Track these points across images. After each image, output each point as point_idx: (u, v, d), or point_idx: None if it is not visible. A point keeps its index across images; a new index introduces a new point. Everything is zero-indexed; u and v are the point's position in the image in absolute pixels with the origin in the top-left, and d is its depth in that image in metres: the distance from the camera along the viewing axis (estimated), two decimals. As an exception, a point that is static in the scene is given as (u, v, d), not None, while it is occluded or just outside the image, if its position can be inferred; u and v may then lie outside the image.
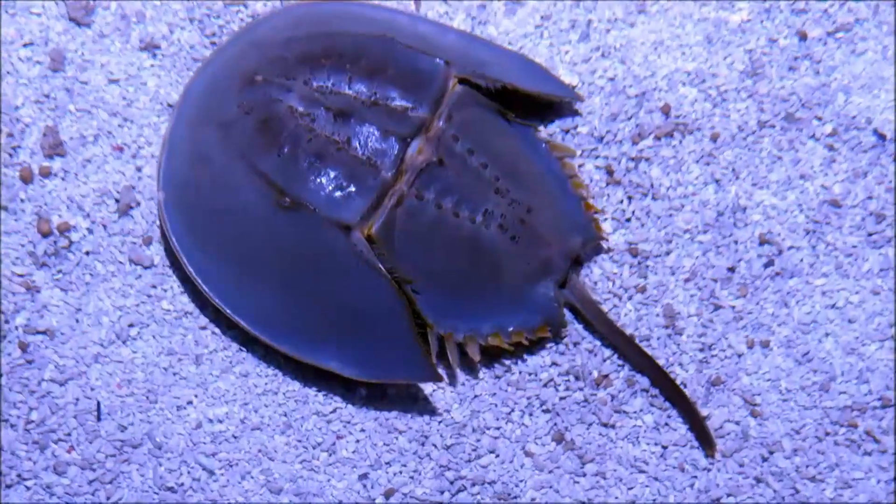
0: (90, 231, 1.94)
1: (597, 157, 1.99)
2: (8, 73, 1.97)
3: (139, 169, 1.96)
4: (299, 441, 1.92)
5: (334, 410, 1.93)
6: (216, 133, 1.82)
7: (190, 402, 1.92)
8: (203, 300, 1.90)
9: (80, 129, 1.97)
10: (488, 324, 1.88)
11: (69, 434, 1.90)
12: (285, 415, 1.93)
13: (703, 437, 1.92)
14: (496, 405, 1.94)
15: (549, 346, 1.95)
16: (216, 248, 1.84)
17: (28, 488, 1.89)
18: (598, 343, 1.95)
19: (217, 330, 1.93)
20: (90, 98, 1.98)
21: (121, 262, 1.94)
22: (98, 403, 1.91)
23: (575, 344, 1.95)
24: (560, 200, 1.90)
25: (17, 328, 1.91)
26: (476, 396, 1.94)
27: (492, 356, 1.93)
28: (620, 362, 1.95)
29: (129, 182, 1.96)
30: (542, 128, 1.97)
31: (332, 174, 1.78)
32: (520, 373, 1.95)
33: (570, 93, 1.96)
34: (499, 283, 1.86)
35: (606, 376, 1.95)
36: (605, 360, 1.95)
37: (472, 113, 1.85)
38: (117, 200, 1.95)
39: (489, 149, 1.84)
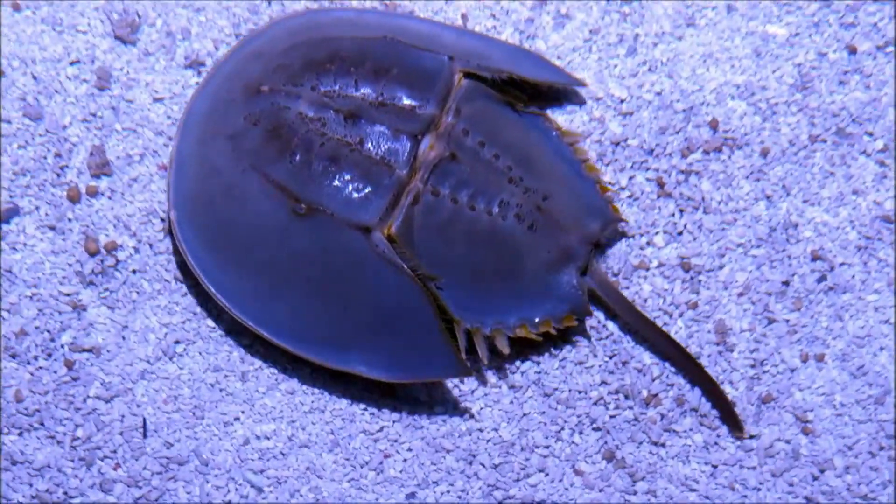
0: (136, 250, 1.96)
1: (647, 170, 2.00)
2: (56, 91, 2.00)
3: (186, 186, 1.98)
4: (347, 459, 1.93)
5: (381, 429, 1.93)
6: (225, 146, 1.84)
7: (237, 419, 1.93)
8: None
9: (126, 148, 1.99)
10: (514, 315, 1.88)
11: (115, 451, 1.91)
12: (332, 433, 1.93)
13: (730, 419, 1.92)
14: (545, 423, 1.94)
15: (598, 364, 1.95)
16: (234, 262, 1.85)
17: (74, 506, 1.90)
18: (647, 363, 1.95)
19: (263, 347, 1.94)
20: (136, 117, 2.00)
21: (167, 280, 1.95)
22: (144, 420, 1.92)
23: (624, 363, 1.95)
24: (575, 185, 1.90)
25: (63, 346, 1.93)
26: (525, 415, 1.94)
27: (524, 355, 1.93)
28: (670, 382, 1.95)
29: (175, 199, 1.97)
30: (550, 113, 1.96)
31: (348, 176, 1.80)
32: (569, 391, 1.95)
33: (573, 80, 1.97)
34: (521, 274, 1.87)
35: (656, 395, 1.95)
36: (654, 380, 1.95)
37: (480, 105, 1.86)
38: (163, 219, 1.97)
39: (500, 140, 1.85)
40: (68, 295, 1.94)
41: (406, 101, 1.83)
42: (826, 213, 1.99)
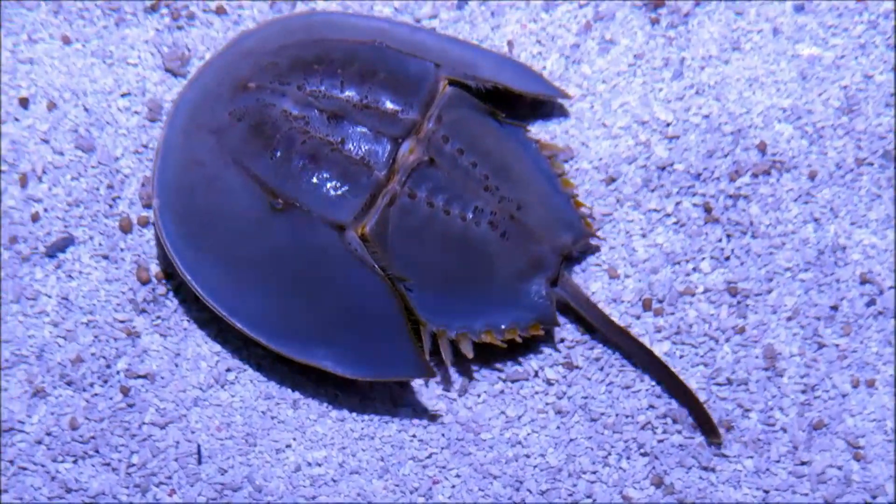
0: (188, 277, 2.02)
1: (694, 195, 2.03)
2: (107, 123, 2.06)
3: (236, 215, 2.03)
4: (396, 486, 1.97)
5: (430, 455, 1.98)
6: (209, 139, 1.89)
7: (288, 446, 1.98)
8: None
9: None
10: (481, 321, 1.93)
11: (170, 477, 1.97)
12: (382, 459, 1.98)
13: (708, 427, 1.95)
14: (592, 449, 1.98)
15: (644, 389, 1.98)
16: (211, 252, 1.91)
17: (129, 532, 1.96)
18: (693, 386, 1.98)
19: (314, 374, 1.99)
20: (187, 146, 2.06)
21: (218, 308, 2.01)
22: (199, 447, 1.98)
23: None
24: (550, 198, 1.95)
25: (118, 373, 1.99)
26: (572, 440, 1.98)
27: (571, 380, 1.97)
28: (717, 406, 1.97)
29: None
30: (531, 127, 2.00)
31: (326, 175, 1.85)
32: (616, 416, 1.98)
33: (557, 92, 2.01)
34: (491, 281, 1.91)
35: (705, 418, 1.97)
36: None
37: (462, 113, 1.91)
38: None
39: (479, 148, 1.90)
40: (123, 322, 2.00)
41: (389, 105, 1.88)
42: (874, 235, 2.01)
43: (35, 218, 2.02)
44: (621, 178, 2.03)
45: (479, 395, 2.00)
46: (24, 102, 2.05)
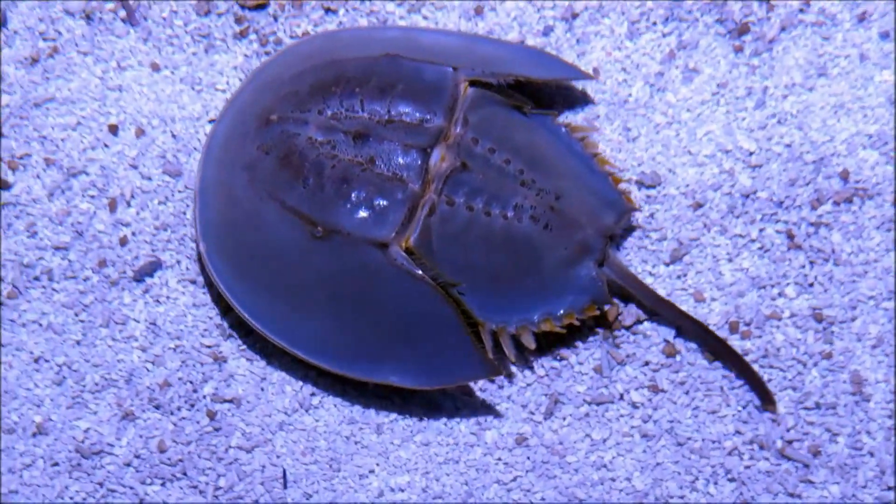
0: (274, 301, 2.05)
1: (776, 222, 2.06)
2: (194, 149, 2.10)
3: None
4: (481, 509, 2.00)
5: (514, 479, 2.00)
6: (242, 176, 1.93)
7: (372, 471, 2.01)
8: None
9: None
10: (538, 312, 1.96)
11: (257, 501, 2.00)
12: (466, 483, 2.00)
13: (763, 395, 1.99)
14: (679, 473, 2.00)
15: (731, 414, 2.00)
16: (262, 287, 1.94)
17: (216, 555, 1.99)
18: (781, 411, 2.00)
19: (398, 399, 2.02)
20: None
21: (304, 332, 2.04)
22: (284, 471, 2.00)
23: (758, 409, 2.00)
24: (588, 180, 1.98)
25: (205, 397, 2.02)
26: (658, 464, 2.00)
27: (657, 403, 1.99)
28: (805, 431, 2.00)
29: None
30: (558, 113, 2.04)
31: (361, 195, 1.88)
32: (703, 440, 2.00)
33: (581, 75, 2.04)
34: (541, 272, 1.94)
35: (790, 442, 1.99)
36: (789, 429, 2.00)
37: (487, 112, 1.94)
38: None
39: (509, 144, 1.93)
40: (209, 347, 2.04)
41: (413, 116, 1.91)
42: (960, 262, 2.04)
43: (123, 242, 2.06)
44: (707, 203, 2.07)
45: (563, 419, 2.02)
46: (113, 129, 2.10)
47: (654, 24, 2.12)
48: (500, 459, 2.01)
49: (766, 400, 1.99)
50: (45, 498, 1.97)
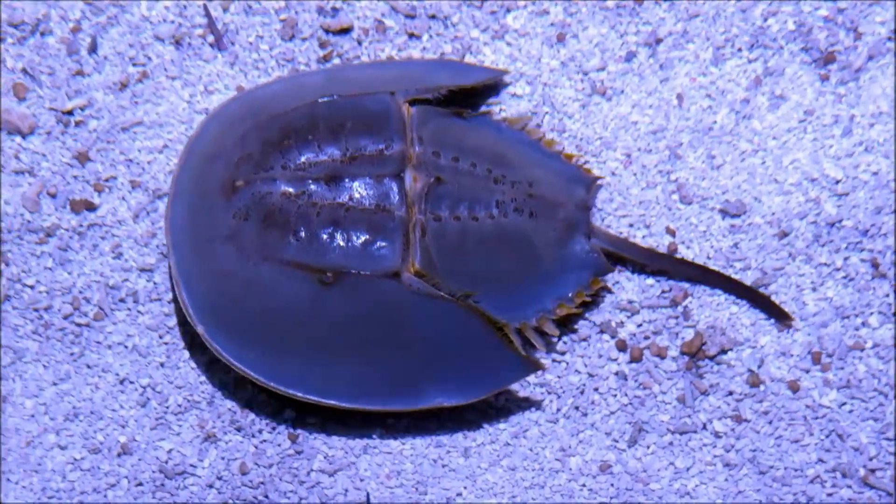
0: (358, 325, 2.10)
1: (862, 251, 2.09)
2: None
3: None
4: (565, 535, 2.04)
5: (599, 505, 2.04)
6: (226, 249, 1.95)
7: (459, 494, 2.05)
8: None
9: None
10: (550, 298, 2.02)
11: (339, 525, 2.04)
12: (551, 509, 2.04)
13: (777, 313, 2.05)
14: (761, 501, 2.03)
15: (814, 443, 2.03)
16: (281, 350, 1.96)
17: (300, 578, 2.03)
18: (864, 441, 2.03)
19: (486, 423, 2.06)
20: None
21: (388, 356, 2.08)
22: (368, 495, 2.04)
23: (840, 437, 2.03)
24: (547, 163, 2.05)
25: (287, 420, 2.07)
26: (740, 492, 2.04)
27: (740, 433, 2.03)
28: (887, 461, 2.03)
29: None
30: (494, 109, 2.11)
31: (356, 233, 1.93)
32: (785, 469, 2.04)
33: (497, 73, 2.11)
34: (540, 260, 2.01)
35: (873, 471, 2.03)
36: (871, 458, 2.03)
37: (435, 126, 2.00)
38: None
39: (468, 149, 2.00)
40: (292, 370, 2.08)
41: (373, 148, 1.96)
42: None
43: (209, 264, 2.10)
44: (793, 232, 2.10)
45: (647, 447, 2.06)
46: (200, 151, 2.15)
47: (740, 50, 2.16)
48: (584, 486, 2.05)
49: (782, 316, 2.06)
50: (131, 519, 2.02)
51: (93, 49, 2.16)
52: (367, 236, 1.93)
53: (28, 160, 2.13)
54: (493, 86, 2.15)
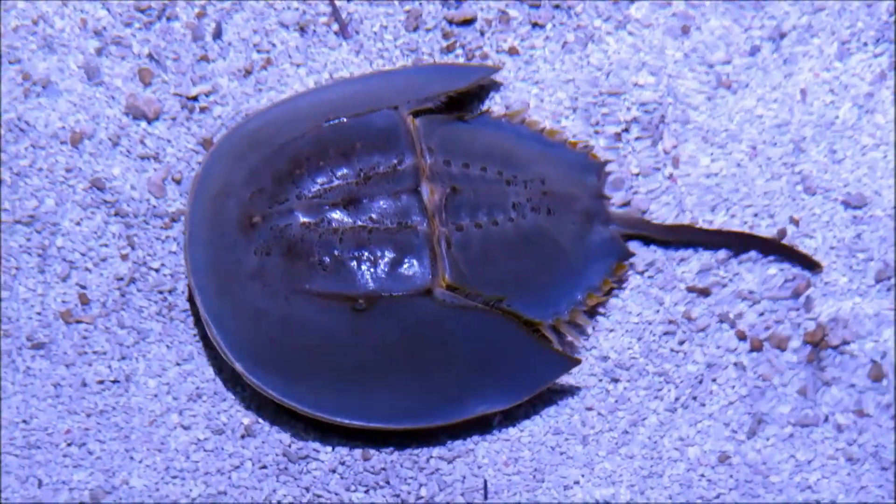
0: (478, 312, 2.14)
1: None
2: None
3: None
4: (684, 526, 2.07)
5: (717, 496, 2.06)
6: (254, 287, 1.96)
7: (576, 482, 2.08)
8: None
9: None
10: (578, 291, 2.05)
11: (458, 511, 2.08)
12: (670, 497, 2.07)
13: (806, 262, 2.09)
14: (883, 497, 2.05)
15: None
16: (320, 380, 1.98)
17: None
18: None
19: (603, 410, 2.10)
20: (478, 184, 2.19)
21: (508, 343, 2.12)
22: (485, 482, 2.08)
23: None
24: (554, 155, 2.08)
25: (407, 405, 2.10)
26: (862, 488, 2.06)
27: (863, 427, 2.05)
28: None
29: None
30: (492, 107, 2.15)
31: (383, 254, 1.95)
32: (908, 479, 2.06)
33: (489, 70, 2.14)
34: (564, 254, 2.04)
35: None
36: None
37: (441, 134, 2.03)
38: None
39: (476, 154, 2.03)
40: (412, 356, 2.12)
41: (386, 165, 1.99)
42: None
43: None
44: (915, 224, 2.13)
45: (767, 439, 2.09)
46: (323, 137, 2.20)
47: (865, 44, 2.20)
48: (703, 476, 2.08)
49: (812, 265, 2.10)
50: (253, 500, 2.06)
51: (217, 35, 2.22)
52: (395, 256, 1.95)
53: (153, 146, 2.18)
54: (487, 85, 2.18)
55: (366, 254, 1.95)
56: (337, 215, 1.96)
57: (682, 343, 2.12)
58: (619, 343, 2.13)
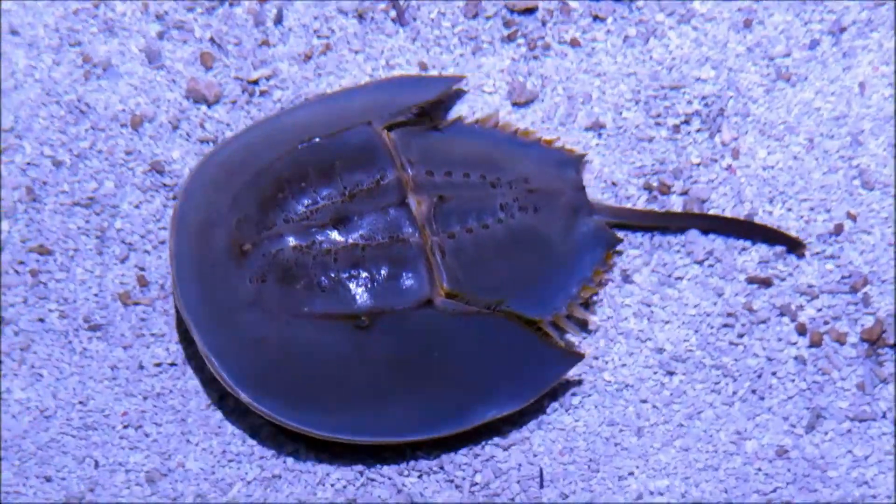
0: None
1: None
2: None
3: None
4: (738, 519, 2.07)
5: (774, 490, 2.07)
6: (252, 315, 1.95)
7: (631, 473, 2.09)
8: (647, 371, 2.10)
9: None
10: (572, 285, 2.07)
11: (513, 499, 2.08)
12: (726, 491, 2.08)
13: (788, 242, 2.12)
14: (940, 493, 2.06)
15: None
16: (331, 401, 1.98)
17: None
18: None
19: (658, 403, 2.11)
20: (537, 174, 2.21)
21: (564, 333, 2.13)
22: (541, 470, 2.09)
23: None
24: (530, 153, 2.11)
25: (463, 393, 2.12)
26: (919, 483, 2.07)
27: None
28: None
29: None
30: (463, 115, 2.17)
31: (379, 270, 1.95)
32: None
33: (454, 80, 2.16)
34: (555, 250, 2.05)
35: None
36: None
37: (418, 146, 2.04)
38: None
39: (456, 161, 2.05)
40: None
41: (369, 181, 1.99)
42: None
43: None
44: (976, 214, 2.14)
45: (825, 433, 2.09)
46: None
47: (925, 39, 2.21)
48: (759, 470, 2.08)
49: (796, 245, 2.12)
50: (308, 483, 2.07)
51: (279, 20, 2.24)
52: (391, 270, 1.96)
53: (213, 129, 2.20)
54: (453, 93, 2.20)
55: (362, 271, 1.95)
56: (328, 236, 1.96)
57: (741, 336, 2.13)
58: (675, 335, 2.14)
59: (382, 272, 1.96)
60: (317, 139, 2.01)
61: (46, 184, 2.18)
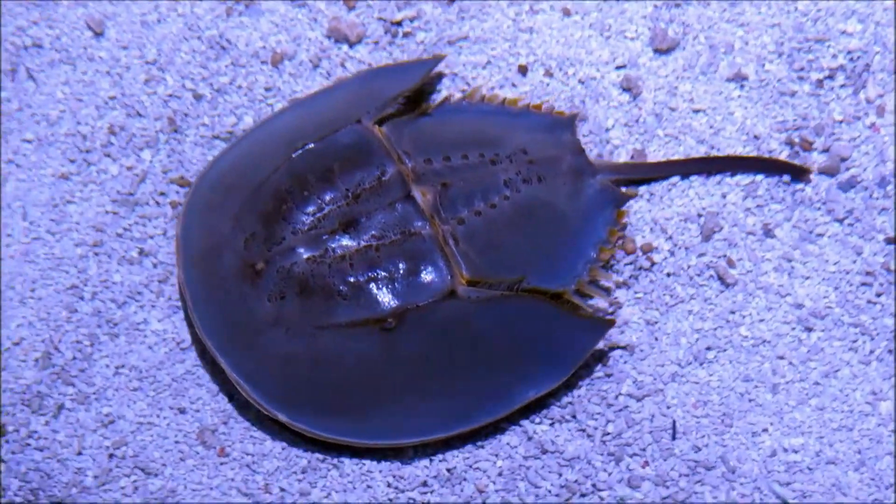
0: (672, 253, 2.17)
1: None
2: (600, 95, 2.23)
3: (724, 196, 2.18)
4: (872, 479, 2.08)
5: (838, 457, 2.09)
6: (275, 334, 1.94)
7: (765, 430, 2.11)
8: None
9: (667, 154, 2.21)
10: (589, 248, 2.07)
11: (644, 449, 2.10)
12: (860, 452, 2.09)
13: (794, 170, 2.14)
14: None
15: None
16: (372, 408, 1.97)
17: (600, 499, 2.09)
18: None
19: (795, 359, 2.12)
20: (678, 124, 2.21)
21: (701, 286, 2.15)
22: (674, 422, 2.11)
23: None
24: (523, 122, 2.10)
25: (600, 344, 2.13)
26: None
27: None
28: None
29: (713, 208, 2.18)
30: (452, 94, 2.17)
31: (397, 268, 1.95)
32: None
33: (434, 62, 2.15)
34: (566, 217, 2.05)
35: None
36: None
37: (410, 135, 2.04)
38: (700, 225, 2.17)
39: (451, 144, 2.04)
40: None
41: (370, 179, 1.99)
42: None
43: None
44: None
45: (962, 397, 2.10)
46: (523, 70, 2.23)
47: None
48: (894, 432, 2.09)
49: (801, 172, 2.13)
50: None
51: (424, -39, 2.26)
52: (409, 266, 1.95)
53: (354, 69, 2.22)
54: (435, 76, 2.20)
55: (380, 272, 1.95)
56: (339, 241, 1.94)
57: (878, 295, 2.13)
58: (815, 291, 2.14)
59: (401, 270, 1.95)
60: (310, 145, 2.00)
61: (188, 115, 2.21)
